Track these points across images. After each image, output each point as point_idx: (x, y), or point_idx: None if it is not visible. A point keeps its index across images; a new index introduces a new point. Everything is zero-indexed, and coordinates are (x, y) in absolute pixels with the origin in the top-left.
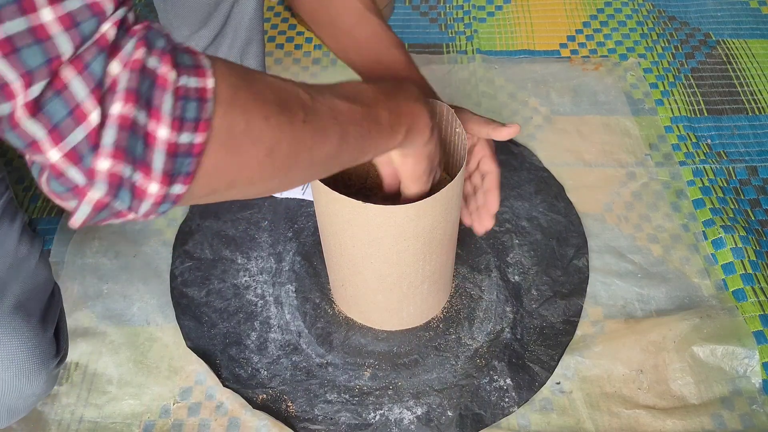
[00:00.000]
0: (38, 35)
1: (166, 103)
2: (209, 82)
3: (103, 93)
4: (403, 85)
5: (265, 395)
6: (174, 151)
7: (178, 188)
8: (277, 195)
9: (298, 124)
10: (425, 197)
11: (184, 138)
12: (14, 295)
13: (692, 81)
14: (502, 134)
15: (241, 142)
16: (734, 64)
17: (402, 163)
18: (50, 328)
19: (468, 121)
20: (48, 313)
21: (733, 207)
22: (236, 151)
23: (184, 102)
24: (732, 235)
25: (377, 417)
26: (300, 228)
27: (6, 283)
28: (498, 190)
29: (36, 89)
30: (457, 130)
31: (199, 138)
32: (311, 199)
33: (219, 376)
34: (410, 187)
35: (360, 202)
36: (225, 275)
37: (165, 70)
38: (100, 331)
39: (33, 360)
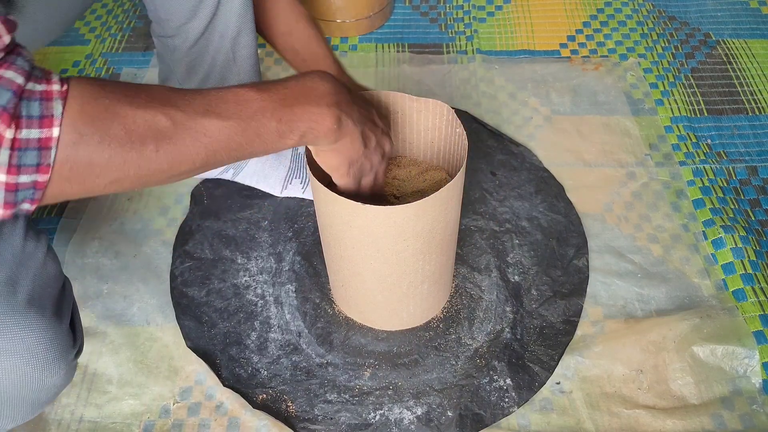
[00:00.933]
0: None
1: (2, 156)
2: (54, 132)
3: None
4: (310, 89)
5: (265, 395)
6: (14, 189)
7: (26, 206)
8: (278, 195)
9: (149, 155)
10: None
11: (24, 179)
12: (26, 291)
13: (692, 81)
14: None
15: (84, 177)
16: (734, 64)
17: (316, 153)
18: (65, 320)
19: None
20: (61, 306)
21: (733, 207)
22: (79, 182)
23: (22, 152)
24: (732, 235)
25: (377, 417)
26: (300, 228)
27: (16, 279)
28: None
29: None
30: (458, 130)
31: (41, 178)
32: (311, 198)
33: (219, 376)
34: (332, 176)
35: (359, 203)
36: (225, 275)
37: (1, 129)
38: (100, 331)
39: (52, 352)
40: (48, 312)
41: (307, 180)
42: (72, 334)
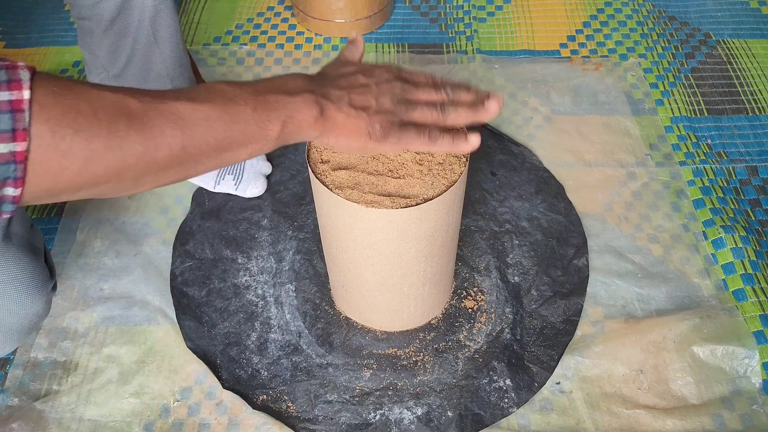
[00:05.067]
0: None
1: None
2: (25, 93)
3: None
4: (280, 83)
5: (265, 396)
6: None
7: (10, 191)
8: (210, 189)
9: (120, 133)
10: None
11: (2, 148)
12: (2, 227)
13: (692, 81)
14: None
15: (51, 155)
16: (734, 64)
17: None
18: (41, 256)
19: None
20: (34, 242)
21: (733, 207)
22: (49, 162)
23: None
24: (732, 235)
25: (377, 417)
26: (300, 225)
27: None
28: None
29: None
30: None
31: (20, 147)
32: (243, 195)
33: (219, 378)
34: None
35: (362, 205)
36: (225, 275)
37: None
38: (101, 331)
39: (34, 281)
40: (24, 248)
41: (241, 177)
42: (47, 270)
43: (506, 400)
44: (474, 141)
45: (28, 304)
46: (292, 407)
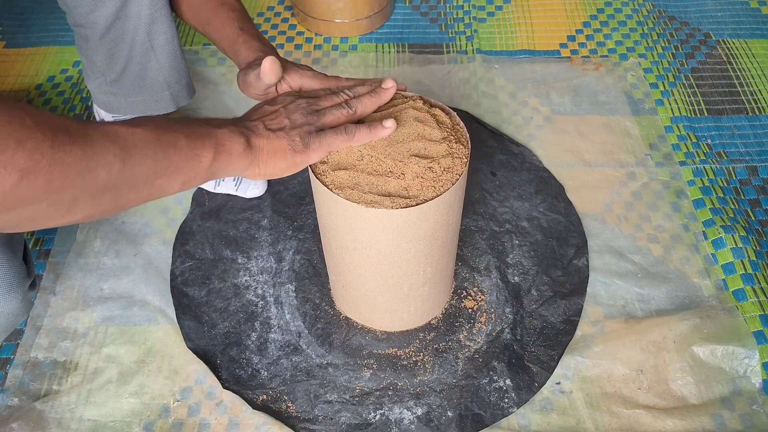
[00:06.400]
0: None
1: None
2: None
3: None
4: (201, 119)
5: (265, 396)
6: None
7: None
8: (211, 190)
9: (63, 146)
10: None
11: None
12: None
13: (692, 81)
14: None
15: None
16: (734, 64)
17: (264, 174)
18: (18, 254)
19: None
20: (12, 240)
21: (733, 207)
22: None
23: None
24: (732, 235)
25: (377, 417)
26: (300, 225)
27: None
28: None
29: None
30: (457, 128)
31: None
32: (243, 196)
33: (219, 378)
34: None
35: (362, 205)
36: (225, 275)
37: None
38: (101, 331)
39: (9, 279)
40: (2, 244)
41: (241, 178)
42: (25, 268)
43: (506, 400)
44: (389, 124)
45: (2, 302)
46: (292, 407)
